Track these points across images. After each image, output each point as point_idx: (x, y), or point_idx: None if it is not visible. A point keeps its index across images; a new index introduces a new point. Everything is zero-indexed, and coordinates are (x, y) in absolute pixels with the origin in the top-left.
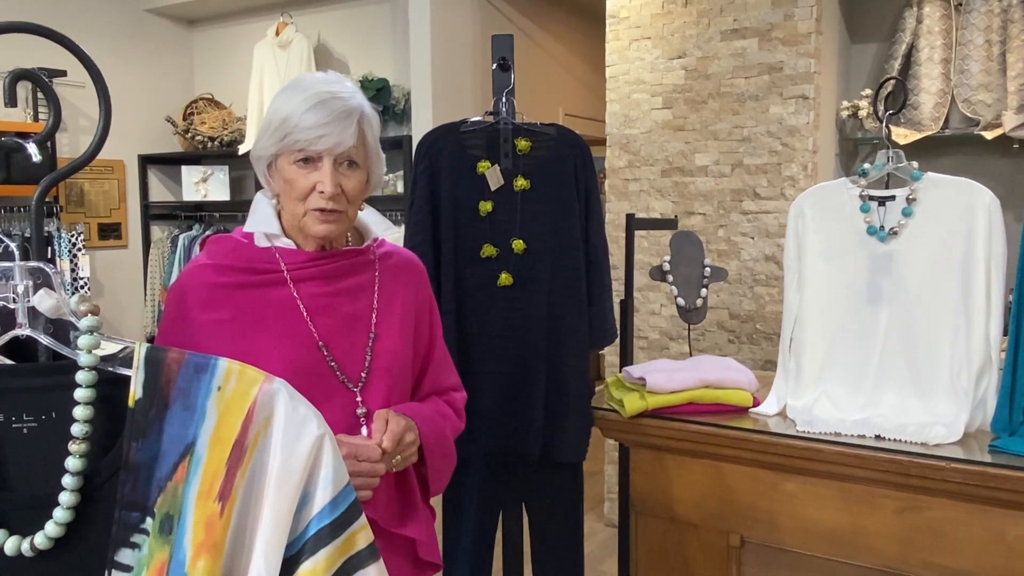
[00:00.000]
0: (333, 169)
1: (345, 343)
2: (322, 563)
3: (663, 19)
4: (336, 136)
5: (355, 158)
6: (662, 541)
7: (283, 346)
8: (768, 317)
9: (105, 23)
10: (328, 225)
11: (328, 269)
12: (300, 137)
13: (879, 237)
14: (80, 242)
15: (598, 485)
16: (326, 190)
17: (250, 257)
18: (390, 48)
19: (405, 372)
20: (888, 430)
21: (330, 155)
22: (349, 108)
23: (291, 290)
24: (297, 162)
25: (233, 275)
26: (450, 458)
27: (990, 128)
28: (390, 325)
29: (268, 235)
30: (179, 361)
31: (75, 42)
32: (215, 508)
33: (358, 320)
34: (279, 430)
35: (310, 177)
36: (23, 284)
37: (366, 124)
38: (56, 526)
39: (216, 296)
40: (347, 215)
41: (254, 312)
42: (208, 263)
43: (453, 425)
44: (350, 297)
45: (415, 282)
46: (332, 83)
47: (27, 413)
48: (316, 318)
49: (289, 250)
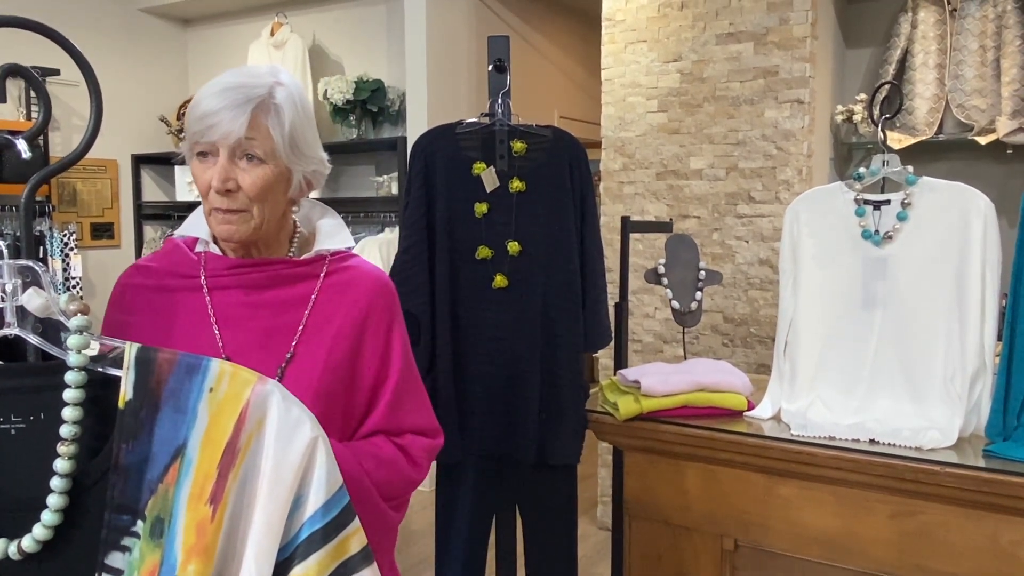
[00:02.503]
0: (228, 162)
1: (254, 360)
2: (314, 567)
3: (659, 22)
4: (225, 125)
5: (254, 150)
6: (656, 545)
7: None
8: (762, 321)
9: (99, 22)
10: (228, 226)
11: (249, 278)
12: (193, 128)
13: (874, 241)
14: (72, 242)
15: (592, 488)
16: (214, 184)
17: (178, 261)
18: (385, 49)
19: (324, 400)
20: (882, 434)
21: (225, 146)
22: (248, 95)
23: (205, 298)
24: (197, 155)
25: (153, 277)
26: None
27: (984, 133)
28: (316, 347)
29: (200, 240)
30: (170, 362)
31: (66, 38)
32: (206, 511)
33: (276, 336)
34: (272, 432)
35: (208, 172)
36: (11, 283)
37: (270, 113)
38: (44, 529)
39: (130, 297)
40: (252, 215)
41: (161, 317)
42: (141, 264)
43: (391, 470)
44: (272, 311)
45: (367, 304)
46: (248, 73)
47: (15, 414)
48: (226, 329)
49: (213, 256)
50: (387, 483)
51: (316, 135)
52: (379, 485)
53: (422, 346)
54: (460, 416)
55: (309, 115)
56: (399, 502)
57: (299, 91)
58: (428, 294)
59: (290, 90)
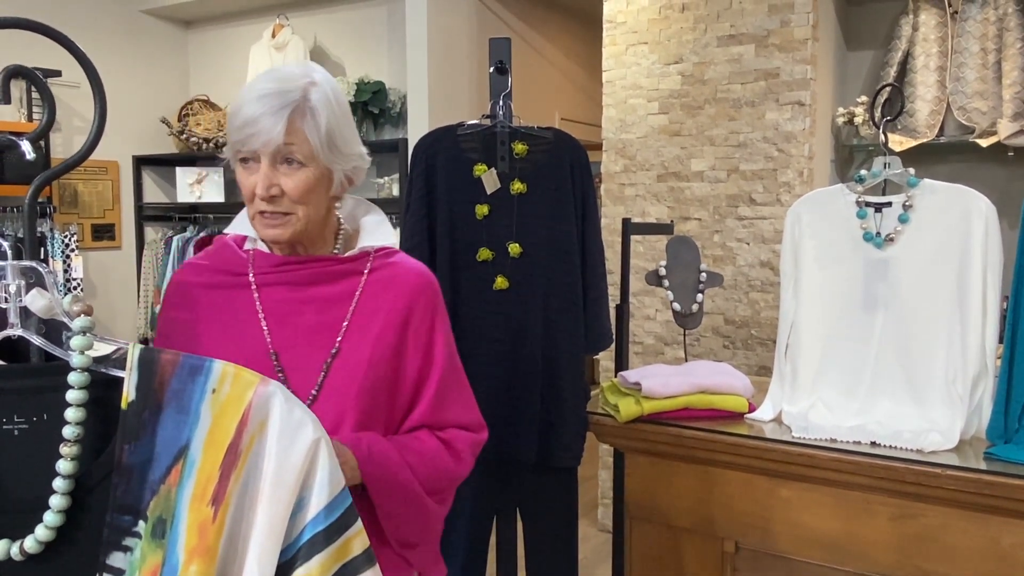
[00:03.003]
0: (269, 168)
1: (301, 355)
2: (316, 569)
3: (660, 24)
4: (265, 133)
5: (293, 155)
6: (657, 547)
7: (232, 350)
8: (764, 323)
9: (101, 24)
10: (273, 230)
11: (296, 275)
12: (234, 137)
13: (875, 243)
14: (73, 243)
15: (593, 490)
16: (258, 191)
17: (228, 259)
18: (386, 51)
19: (368, 395)
20: (883, 437)
21: (266, 153)
22: (284, 102)
23: (254, 295)
24: (240, 162)
25: (205, 275)
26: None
27: (985, 136)
28: (361, 342)
29: (249, 239)
30: (173, 363)
31: (70, 39)
32: (208, 512)
33: (322, 332)
34: (274, 434)
35: (251, 178)
36: (15, 284)
37: (307, 117)
38: (46, 530)
39: (185, 294)
40: (296, 217)
41: (214, 313)
42: (194, 262)
43: (435, 464)
44: (318, 307)
45: (410, 300)
46: (282, 76)
47: (18, 415)
48: (274, 325)
49: (262, 254)
50: (431, 477)
51: (354, 131)
52: (423, 479)
53: None
54: None
55: (345, 112)
56: (443, 496)
57: (334, 88)
58: None
59: (324, 89)
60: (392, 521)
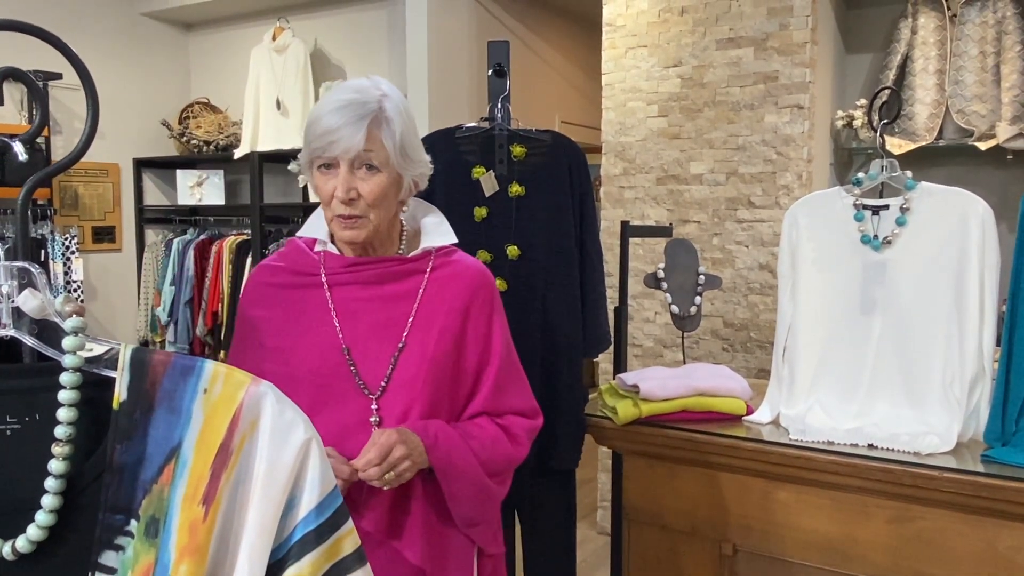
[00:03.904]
0: (348, 173)
1: (371, 349)
2: (307, 568)
3: (659, 27)
4: (345, 141)
5: (371, 161)
6: (655, 549)
7: (308, 345)
8: (762, 325)
9: (101, 26)
10: (351, 231)
11: (365, 275)
12: (315, 144)
13: (873, 246)
14: (74, 245)
15: (591, 493)
16: (338, 194)
17: (300, 260)
18: (386, 54)
19: (433, 386)
20: (881, 439)
21: (345, 160)
22: (363, 112)
23: (326, 293)
24: (319, 168)
25: (282, 276)
26: (473, 483)
27: (984, 139)
28: (425, 337)
29: (319, 241)
30: (164, 363)
31: (62, 40)
32: (199, 511)
33: (390, 328)
34: (265, 434)
35: (330, 183)
36: (7, 284)
37: (383, 126)
38: (38, 530)
39: (263, 294)
40: (370, 219)
41: (291, 311)
42: (269, 264)
43: (494, 449)
44: (386, 304)
45: (469, 296)
46: (357, 89)
47: (10, 415)
48: (345, 322)
49: (332, 255)
50: (491, 460)
51: (419, 140)
52: (484, 462)
53: None
54: None
55: (413, 122)
56: (502, 478)
57: (403, 100)
58: None
59: (395, 101)
60: (457, 502)
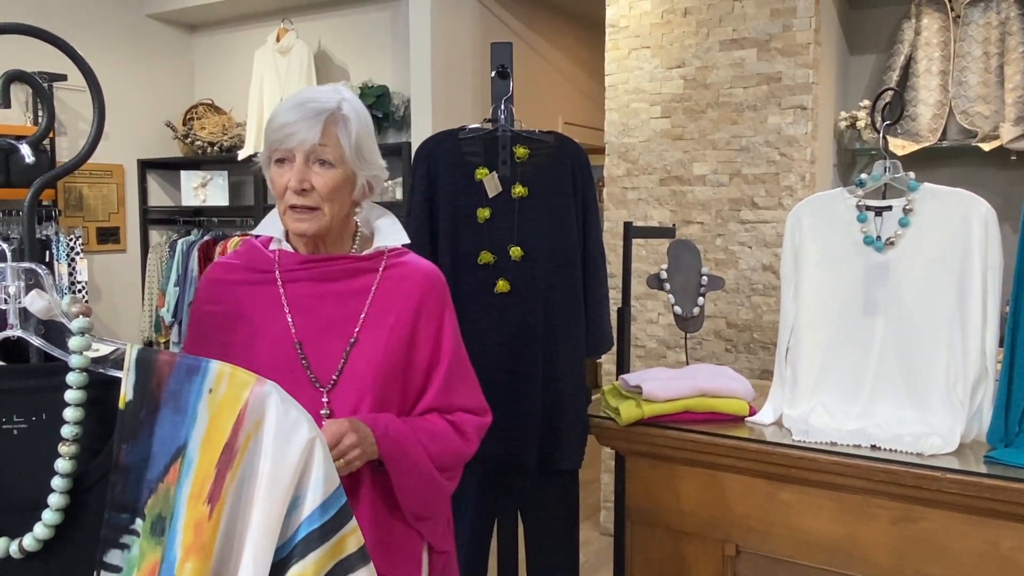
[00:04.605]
0: (303, 165)
1: (323, 344)
2: (311, 567)
3: (662, 29)
4: (301, 135)
5: (325, 157)
6: (658, 550)
7: (261, 339)
8: (765, 326)
9: (106, 28)
10: (303, 223)
11: (318, 272)
12: (273, 138)
13: (876, 247)
14: (79, 246)
15: (594, 494)
16: (291, 185)
17: (256, 258)
18: (390, 55)
19: (383, 381)
20: (884, 440)
21: (301, 152)
22: (319, 109)
23: (279, 289)
24: (276, 162)
25: (237, 273)
26: (422, 475)
27: (987, 140)
28: (377, 333)
29: (274, 239)
30: (170, 363)
31: (68, 42)
32: (204, 510)
33: (342, 323)
34: (270, 433)
35: (285, 175)
36: (14, 285)
37: (339, 124)
38: (45, 528)
39: (218, 290)
40: (323, 212)
41: (244, 307)
42: (224, 261)
43: (444, 444)
44: (338, 300)
45: (421, 295)
46: (316, 91)
47: (17, 415)
48: (298, 317)
49: (286, 253)
50: (440, 454)
51: (376, 145)
52: (434, 456)
53: None
54: None
55: (370, 126)
56: (452, 473)
57: (361, 106)
58: None
59: (354, 104)
60: (406, 493)
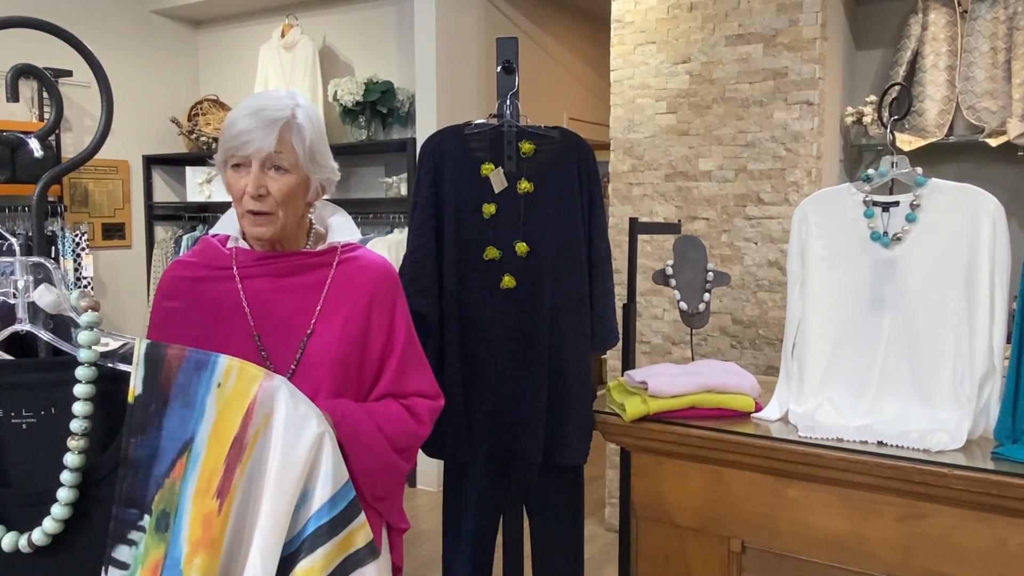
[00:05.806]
0: (259, 172)
1: (280, 337)
2: (320, 561)
3: (668, 24)
4: (257, 142)
5: (281, 163)
6: (663, 546)
7: (221, 334)
8: (771, 322)
9: (111, 24)
10: (260, 228)
11: (275, 268)
12: (229, 144)
13: (882, 243)
14: (84, 242)
15: (599, 490)
16: (248, 190)
17: (214, 256)
18: (395, 51)
19: (340, 369)
20: (890, 436)
21: (257, 159)
22: (274, 118)
23: (237, 285)
24: (232, 167)
25: (194, 270)
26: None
27: (995, 135)
28: (332, 324)
29: (232, 237)
30: (179, 358)
31: (78, 38)
32: (213, 505)
33: (299, 316)
34: (279, 428)
35: (242, 180)
36: (23, 279)
37: (294, 132)
38: (54, 522)
39: (177, 287)
40: (278, 216)
41: (203, 303)
42: (182, 259)
43: (399, 426)
44: (295, 294)
45: (373, 287)
46: (272, 97)
47: (27, 409)
48: (256, 311)
49: (243, 250)
50: (396, 436)
51: (328, 149)
52: (390, 438)
53: (430, 346)
54: (468, 416)
55: (323, 131)
56: (408, 454)
57: (315, 112)
58: (436, 295)
59: (308, 111)
60: (365, 475)
